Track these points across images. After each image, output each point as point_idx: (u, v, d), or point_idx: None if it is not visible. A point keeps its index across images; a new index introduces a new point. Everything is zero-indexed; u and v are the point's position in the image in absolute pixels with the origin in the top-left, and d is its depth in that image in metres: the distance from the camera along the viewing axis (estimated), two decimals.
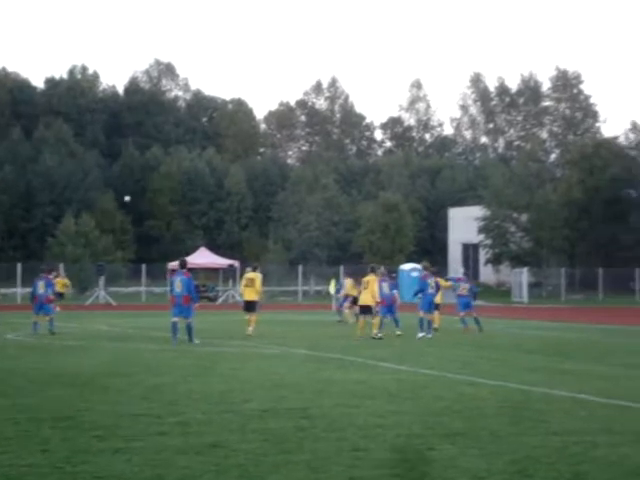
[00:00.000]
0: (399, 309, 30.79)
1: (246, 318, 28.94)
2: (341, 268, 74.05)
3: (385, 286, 29.74)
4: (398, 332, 28.59)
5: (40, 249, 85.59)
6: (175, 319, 25.28)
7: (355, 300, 33.24)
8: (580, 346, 26.47)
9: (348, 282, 37.18)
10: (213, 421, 11.42)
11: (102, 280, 66.34)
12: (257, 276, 29.63)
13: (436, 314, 30.72)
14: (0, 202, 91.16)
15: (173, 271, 26.51)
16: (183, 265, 26.29)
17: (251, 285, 29.13)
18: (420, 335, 28.07)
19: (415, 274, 74.06)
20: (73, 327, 32.64)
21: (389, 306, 29.65)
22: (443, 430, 10.93)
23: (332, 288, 46.50)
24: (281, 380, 16.09)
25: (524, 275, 78.11)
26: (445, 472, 8.58)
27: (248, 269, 31.77)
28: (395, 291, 30.55)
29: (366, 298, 28.25)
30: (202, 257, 76.23)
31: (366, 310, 28.33)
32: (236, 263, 72.58)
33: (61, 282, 41.74)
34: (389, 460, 9.11)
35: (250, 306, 29.02)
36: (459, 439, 10.34)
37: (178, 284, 25.43)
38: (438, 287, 30.58)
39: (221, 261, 76.34)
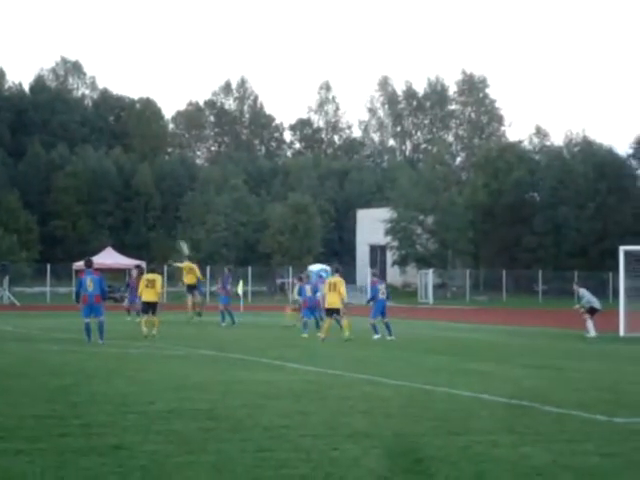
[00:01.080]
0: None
1: (143, 320, 28.76)
2: (249, 269, 74.03)
3: (308, 289, 30.73)
4: (305, 335, 28.84)
5: None
6: (87, 320, 25.12)
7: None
8: (484, 347, 26.84)
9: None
10: (116, 423, 11.32)
11: (6, 280, 65.29)
12: (157, 277, 29.42)
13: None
14: None
15: (80, 272, 26.39)
16: (89, 264, 26.22)
17: (151, 286, 28.89)
18: (376, 337, 28.29)
19: (324, 274, 74.40)
20: None
21: (312, 308, 30.42)
22: (348, 430, 10.98)
23: (240, 289, 46.38)
24: (186, 381, 16.01)
25: (430, 276, 78.99)
26: (349, 472, 8.63)
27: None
28: (318, 294, 30.94)
29: (333, 300, 27.97)
30: (108, 257, 75.56)
31: (333, 312, 28.08)
32: (143, 264, 71.97)
33: None
34: (293, 460, 9.14)
35: (150, 307, 28.81)
36: (363, 439, 10.41)
37: (89, 283, 25.23)
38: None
39: (128, 261, 75.66)
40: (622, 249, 34.60)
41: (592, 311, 32.83)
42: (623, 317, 32.82)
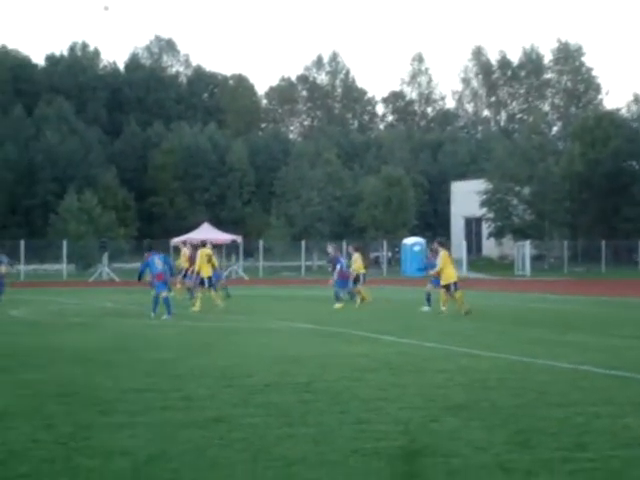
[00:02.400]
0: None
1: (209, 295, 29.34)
2: (344, 243, 74.15)
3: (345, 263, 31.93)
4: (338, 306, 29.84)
5: (43, 226, 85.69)
6: (165, 294, 26.33)
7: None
8: (582, 318, 26.51)
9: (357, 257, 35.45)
10: (216, 396, 11.46)
11: (105, 257, 66.38)
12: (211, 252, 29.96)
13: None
14: (3, 179, 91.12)
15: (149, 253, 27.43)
16: (151, 247, 29.46)
17: (210, 262, 29.48)
18: (425, 309, 28.25)
19: (417, 248, 74.19)
20: (77, 304, 32.69)
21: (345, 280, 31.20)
22: (445, 402, 10.96)
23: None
24: (284, 354, 16.13)
25: (526, 248, 78.11)
26: (448, 444, 8.62)
27: (208, 245, 31.39)
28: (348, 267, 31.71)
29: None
30: (205, 233, 76.26)
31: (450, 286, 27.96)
32: (239, 238, 72.63)
33: None
34: (392, 432, 9.15)
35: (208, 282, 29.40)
36: (461, 411, 10.38)
37: (158, 262, 26.88)
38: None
39: (224, 236, 76.40)
40: None
41: None
42: None
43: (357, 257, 32.36)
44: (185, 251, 35.62)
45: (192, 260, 32.09)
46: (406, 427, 9.44)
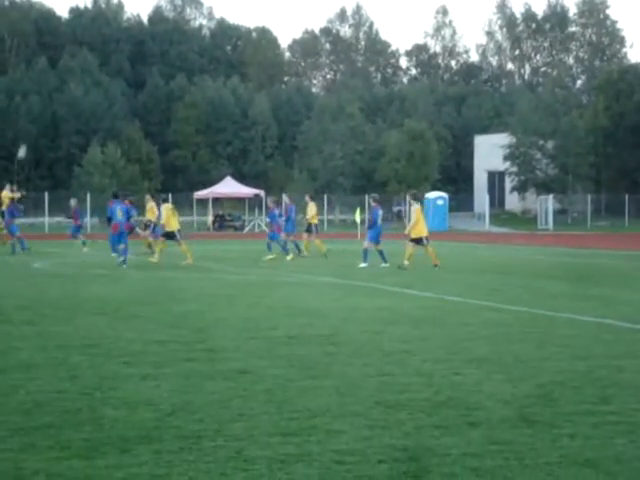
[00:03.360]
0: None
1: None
2: (366, 197, 74.10)
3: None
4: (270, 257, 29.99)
5: (67, 179, 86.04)
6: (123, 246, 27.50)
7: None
8: (605, 272, 26.46)
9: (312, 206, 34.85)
10: (240, 348, 11.52)
11: None
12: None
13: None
14: (27, 132, 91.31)
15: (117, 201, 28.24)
16: (117, 195, 29.73)
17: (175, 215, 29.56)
18: (362, 265, 27.36)
19: (441, 202, 74.11)
20: (100, 256, 32.83)
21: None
22: (468, 355, 10.98)
23: (358, 217, 46.46)
24: (307, 307, 16.18)
25: (550, 202, 77.90)
26: (471, 396, 8.64)
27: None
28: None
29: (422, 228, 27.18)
30: (228, 187, 76.46)
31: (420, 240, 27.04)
32: (262, 192, 72.67)
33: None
34: (415, 385, 9.19)
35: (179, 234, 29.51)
36: (484, 364, 10.40)
37: (119, 212, 28.07)
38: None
39: (247, 190, 76.47)
40: None
41: None
42: None
43: (311, 206, 32.60)
44: (152, 204, 35.40)
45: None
46: (429, 379, 9.47)
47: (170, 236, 29.13)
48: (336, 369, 10.05)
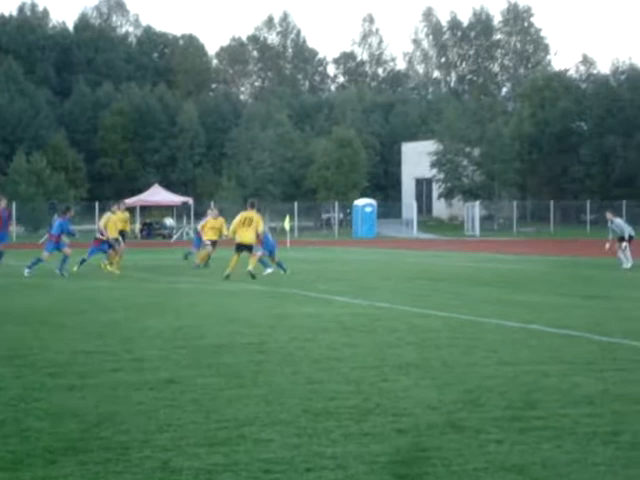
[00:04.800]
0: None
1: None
2: (295, 204, 74.17)
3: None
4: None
5: None
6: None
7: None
8: (532, 278, 26.76)
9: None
10: (168, 357, 11.43)
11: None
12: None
13: None
14: None
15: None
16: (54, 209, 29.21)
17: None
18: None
19: (369, 209, 74.40)
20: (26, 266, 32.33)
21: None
22: (397, 362, 11.03)
23: (287, 224, 46.52)
24: (236, 315, 16.13)
25: (476, 208, 78.71)
26: (399, 403, 8.67)
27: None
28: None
29: (246, 236, 26.17)
30: (156, 195, 76.02)
31: (244, 248, 26.17)
32: (190, 200, 72.36)
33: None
34: (344, 392, 9.20)
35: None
36: (412, 370, 10.45)
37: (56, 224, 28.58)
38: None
39: (175, 198, 76.10)
40: None
41: (624, 239, 31.03)
42: None
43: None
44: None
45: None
46: (358, 386, 9.49)
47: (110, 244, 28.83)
48: (264, 378, 10.03)
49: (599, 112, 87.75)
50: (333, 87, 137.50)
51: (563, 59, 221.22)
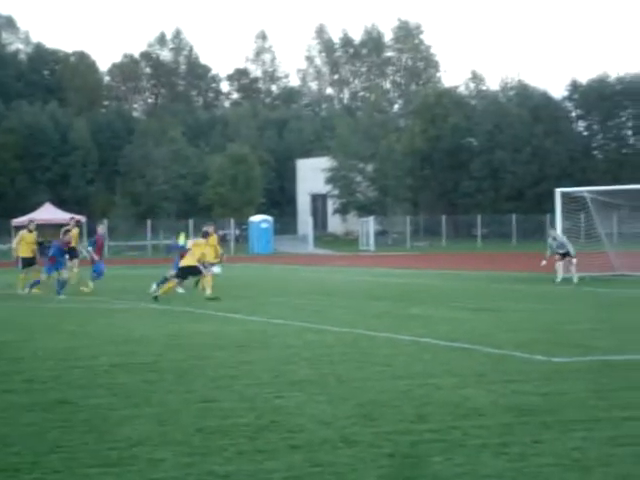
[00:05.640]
0: None
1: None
2: (190, 221, 73.76)
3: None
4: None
5: None
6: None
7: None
8: (425, 292, 27.08)
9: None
10: (60, 377, 11.30)
11: None
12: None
13: None
14: None
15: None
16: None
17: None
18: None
19: (264, 226, 74.40)
20: None
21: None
22: (291, 378, 11.08)
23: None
24: (131, 334, 16.01)
25: (370, 224, 79.30)
26: (292, 419, 8.72)
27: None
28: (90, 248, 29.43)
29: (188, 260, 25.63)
30: (47, 213, 74.77)
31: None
32: (83, 218, 71.42)
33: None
34: (238, 410, 9.21)
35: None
36: (307, 386, 10.52)
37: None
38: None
39: (67, 216, 74.96)
40: (558, 191, 34.97)
41: (568, 255, 30.94)
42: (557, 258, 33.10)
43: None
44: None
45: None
46: (252, 404, 9.52)
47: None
48: (158, 397, 9.98)
49: (489, 128, 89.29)
50: (227, 103, 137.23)
51: (453, 76, 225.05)
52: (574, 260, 30.70)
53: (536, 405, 9.35)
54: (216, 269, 28.34)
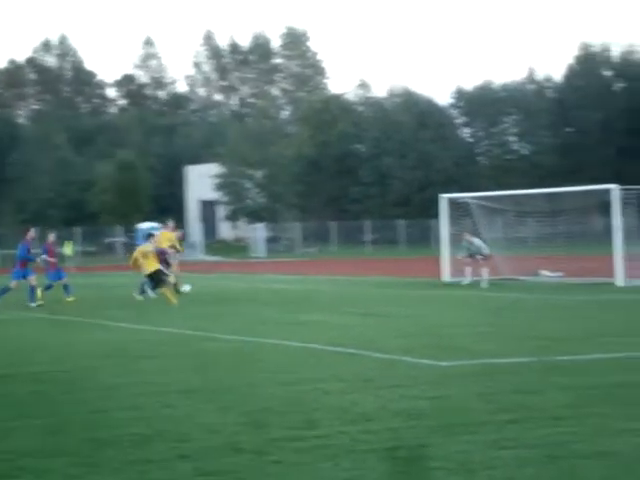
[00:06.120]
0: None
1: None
2: (78, 229, 72.82)
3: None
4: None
5: None
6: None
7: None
8: (314, 297, 27.23)
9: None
10: None
11: None
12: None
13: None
14: None
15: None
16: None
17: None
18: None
19: (154, 232, 73.73)
20: None
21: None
22: (181, 387, 11.09)
23: (68, 249, 45.53)
24: (19, 345, 15.83)
25: (261, 230, 79.34)
26: (182, 428, 8.75)
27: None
28: (44, 256, 28.75)
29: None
30: None
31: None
32: None
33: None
34: (127, 419, 9.20)
35: None
36: (195, 394, 10.55)
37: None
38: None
39: None
40: (443, 197, 35.53)
41: (476, 258, 31.50)
42: (447, 263, 33.71)
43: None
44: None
45: None
46: (141, 413, 9.52)
47: None
48: (48, 408, 9.92)
49: (376, 134, 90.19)
50: (114, 110, 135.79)
51: (341, 82, 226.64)
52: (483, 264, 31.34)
53: (423, 409, 9.52)
54: (187, 287, 28.17)
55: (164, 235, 30.35)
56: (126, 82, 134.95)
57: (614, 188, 30.54)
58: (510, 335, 16.08)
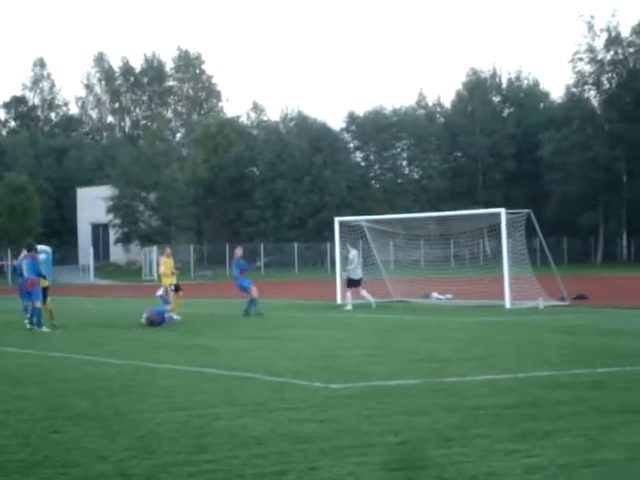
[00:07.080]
0: None
1: None
2: None
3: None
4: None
5: None
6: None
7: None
8: (209, 321, 27.13)
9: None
10: None
11: None
12: None
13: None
14: None
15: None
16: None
17: None
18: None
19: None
20: None
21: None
22: (68, 412, 10.91)
23: None
24: None
25: (154, 253, 78.76)
26: (68, 454, 8.60)
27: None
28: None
29: None
30: None
31: None
32: None
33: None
34: (12, 446, 9.02)
35: None
36: (84, 420, 10.38)
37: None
38: None
39: None
40: (337, 220, 35.80)
41: (353, 282, 31.66)
42: (339, 286, 33.91)
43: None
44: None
45: None
46: (26, 439, 9.33)
47: None
48: None
49: (270, 157, 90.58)
50: (4, 132, 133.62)
51: (235, 106, 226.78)
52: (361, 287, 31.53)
53: (313, 432, 9.52)
54: (176, 317, 27.53)
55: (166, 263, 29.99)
56: (16, 104, 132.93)
57: (502, 212, 31.13)
58: (399, 357, 16.22)
